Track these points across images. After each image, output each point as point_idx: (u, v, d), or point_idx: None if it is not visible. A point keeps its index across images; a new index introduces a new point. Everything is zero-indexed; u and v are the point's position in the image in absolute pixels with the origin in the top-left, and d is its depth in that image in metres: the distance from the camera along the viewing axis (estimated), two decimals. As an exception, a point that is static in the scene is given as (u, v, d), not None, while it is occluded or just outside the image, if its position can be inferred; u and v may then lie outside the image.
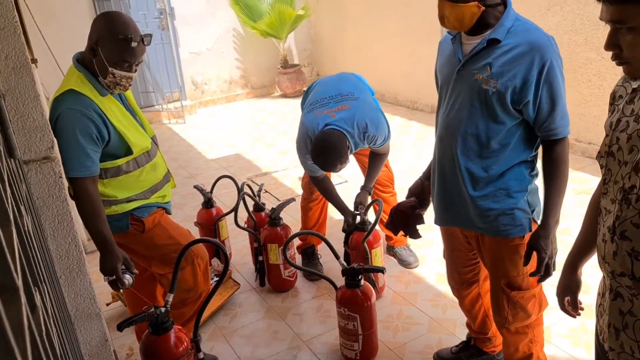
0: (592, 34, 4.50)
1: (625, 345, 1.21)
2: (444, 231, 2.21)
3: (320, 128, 2.71)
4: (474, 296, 2.29)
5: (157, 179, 2.32)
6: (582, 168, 4.55)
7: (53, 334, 0.78)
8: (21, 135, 1.56)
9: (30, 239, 0.86)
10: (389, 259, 3.39)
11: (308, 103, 2.92)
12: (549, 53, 1.73)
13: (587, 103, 4.69)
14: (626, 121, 1.19)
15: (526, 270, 1.94)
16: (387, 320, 2.85)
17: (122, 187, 2.19)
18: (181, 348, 2.08)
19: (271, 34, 7.65)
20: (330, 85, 2.98)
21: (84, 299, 1.85)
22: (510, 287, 1.98)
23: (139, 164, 2.20)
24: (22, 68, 1.49)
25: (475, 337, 2.42)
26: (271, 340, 2.79)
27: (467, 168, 1.88)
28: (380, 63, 7.26)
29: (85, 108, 2.00)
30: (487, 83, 1.77)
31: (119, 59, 2.03)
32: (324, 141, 2.63)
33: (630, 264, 1.15)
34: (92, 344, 1.94)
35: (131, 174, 2.19)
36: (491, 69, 1.76)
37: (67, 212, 1.71)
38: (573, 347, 2.53)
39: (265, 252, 3.13)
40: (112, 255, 2.05)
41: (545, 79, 1.74)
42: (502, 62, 1.75)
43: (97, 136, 2.02)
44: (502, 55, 1.76)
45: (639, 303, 1.17)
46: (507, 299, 2.00)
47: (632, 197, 1.14)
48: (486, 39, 1.77)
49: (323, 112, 2.77)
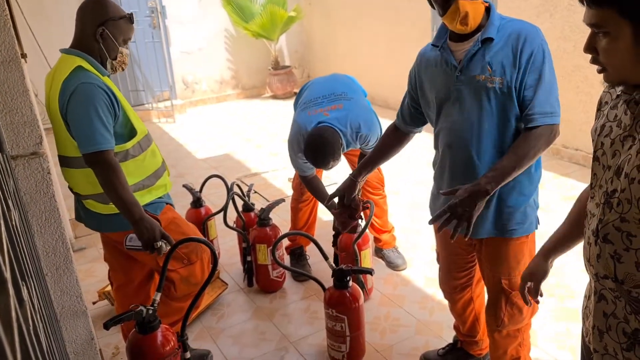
0: (581, 41, 4.54)
1: (608, 347, 1.22)
2: (441, 236, 2.17)
3: (313, 126, 2.72)
4: (466, 300, 2.29)
5: (158, 164, 2.33)
6: (569, 174, 4.59)
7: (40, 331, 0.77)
8: (9, 130, 1.55)
9: (17, 234, 0.85)
10: (377, 261, 3.39)
11: (301, 102, 2.93)
12: (537, 39, 1.75)
13: (574, 110, 4.73)
14: (609, 126, 1.21)
15: None
16: (375, 322, 2.85)
17: (130, 173, 2.18)
18: (168, 347, 2.07)
19: (263, 35, 7.65)
20: (323, 85, 2.98)
21: (70, 297, 1.84)
22: (511, 287, 1.99)
23: (142, 147, 2.23)
24: (12, 62, 1.48)
25: (463, 340, 2.43)
26: (259, 341, 2.78)
27: (481, 173, 1.83)
28: (371, 66, 7.28)
29: (97, 81, 2.04)
30: (492, 81, 1.77)
31: (127, 37, 2.17)
32: (318, 137, 2.63)
33: (613, 266, 1.17)
34: (78, 342, 1.92)
35: (137, 159, 2.20)
36: (492, 67, 1.77)
37: (54, 208, 1.70)
38: (558, 350, 2.55)
39: (253, 252, 3.12)
40: (151, 224, 2.04)
41: (533, 65, 1.75)
42: (499, 57, 1.77)
43: (111, 109, 2.05)
44: (498, 51, 1.77)
45: (622, 305, 1.18)
46: (506, 300, 2.01)
47: (613, 200, 1.16)
48: (480, 40, 1.78)
49: (317, 111, 2.78)
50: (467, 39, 1.82)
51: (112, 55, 2.15)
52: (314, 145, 2.63)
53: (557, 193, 4.22)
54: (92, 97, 1.97)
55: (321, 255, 2.51)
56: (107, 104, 2.03)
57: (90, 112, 1.96)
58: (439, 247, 2.25)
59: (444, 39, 1.88)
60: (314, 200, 3.29)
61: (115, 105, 2.08)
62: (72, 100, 1.97)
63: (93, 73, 2.07)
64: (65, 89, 1.99)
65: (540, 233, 3.38)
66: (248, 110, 7.56)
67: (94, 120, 1.96)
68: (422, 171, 4.99)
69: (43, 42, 6.60)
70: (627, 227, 1.13)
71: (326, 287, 2.50)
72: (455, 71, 1.83)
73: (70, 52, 2.13)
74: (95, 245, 3.91)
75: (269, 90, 8.18)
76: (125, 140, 2.17)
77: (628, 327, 1.17)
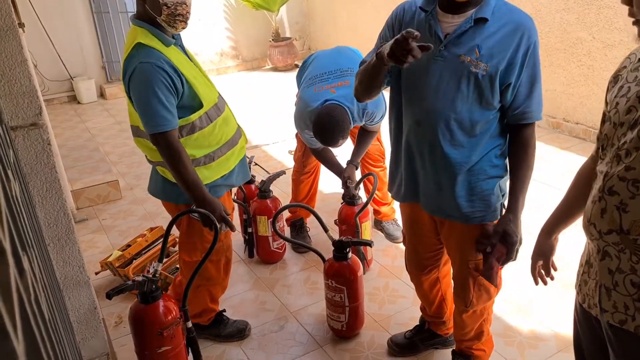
0: (584, 13, 4.48)
1: (618, 304, 1.23)
2: (407, 217, 2.13)
3: (319, 104, 2.69)
4: (432, 281, 2.25)
5: (231, 132, 2.27)
6: (569, 148, 4.58)
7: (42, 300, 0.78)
8: (8, 101, 1.54)
9: (18, 205, 0.86)
10: (377, 233, 3.41)
11: (306, 77, 2.89)
12: (534, 34, 1.68)
13: (576, 83, 4.70)
14: (628, 86, 1.22)
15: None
16: (374, 293, 2.88)
17: (199, 145, 2.16)
18: (170, 317, 2.10)
19: (263, 6, 7.54)
20: (328, 59, 2.94)
21: (73, 267, 1.85)
22: (477, 269, 1.97)
23: (210, 118, 2.17)
24: (9, 31, 1.46)
25: (430, 321, 2.42)
26: (259, 311, 2.82)
27: (447, 154, 1.79)
28: (372, 38, 7.18)
29: (157, 60, 1.96)
30: (477, 66, 1.67)
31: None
32: (326, 116, 2.60)
33: (618, 217, 1.18)
34: (81, 311, 1.95)
35: (205, 130, 2.16)
36: (480, 51, 1.66)
37: (55, 179, 1.70)
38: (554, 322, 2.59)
39: (254, 224, 3.14)
40: (213, 200, 2.10)
41: (529, 61, 1.69)
42: (491, 44, 1.66)
43: (172, 88, 1.99)
44: (490, 36, 1.66)
45: (626, 258, 1.19)
46: (474, 282, 1.99)
47: (622, 152, 1.18)
48: (473, 18, 1.66)
49: (323, 88, 2.74)
50: (458, 12, 1.69)
51: (157, 12, 2.00)
52: (323, 124, 2.60)
53: (558, 167, 4.22)
54: (151, 79, 1.95)
55: (321, 227, 2.52)
56: (166, 84, 1.98)
57: (149, 94, 1.94)
58: (405, 228, 2.19)
59: (433, 5, 1.74)
60: (315, 173, 3.29)
61: (177, 82, 2.02)
62: (132, 81, 1.97)
63: (153, 48, 1.99)
64: (127, 69, 1.99)
65: (541, 207, 3.40)
66: (248, 82, 7.50)
67: (153, 102, 1.95)
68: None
69: (41, 11, 6.53)
70: (633, 175, 1.15)
71: (326, 258, 2.52)
72: (440, 45, 1.71)
73: (134, 22, 2.07)
74: (97, 216, 3.94)
75: (269, 62, 8.11)
76: (194, 111, 2.11)
77: (636, 277, 1.19)
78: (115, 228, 3.77)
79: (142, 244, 3.17)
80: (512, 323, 2.60)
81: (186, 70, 2.08)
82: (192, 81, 2.07)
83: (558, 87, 4.86)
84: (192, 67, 2.15)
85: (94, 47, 7.12)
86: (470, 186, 1.85)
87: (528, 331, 2.54)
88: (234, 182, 2.38)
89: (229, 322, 2.64)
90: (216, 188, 2.28)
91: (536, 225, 1.68)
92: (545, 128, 5.04)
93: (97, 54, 7.20)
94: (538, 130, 4.96)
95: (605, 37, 4.36)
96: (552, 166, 4.23)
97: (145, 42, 2.00)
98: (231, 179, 2.35)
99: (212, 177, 2.25)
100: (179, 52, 2.13)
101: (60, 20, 6.73)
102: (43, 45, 6.72)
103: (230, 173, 2.33)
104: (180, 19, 2.03)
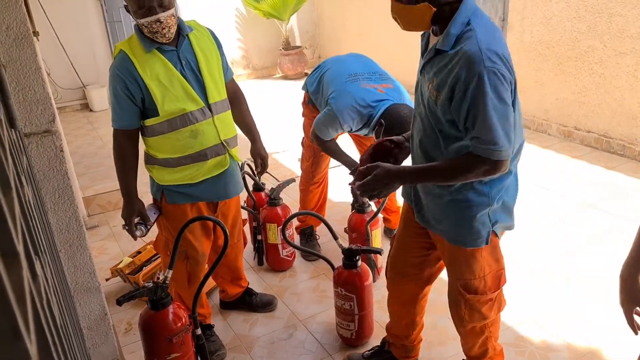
0: (595, 22, 4.47)
1: None
2: (403, 214, 2.10)
3: (371, 99, 2.68)
4: (408, 294, 2.19)
5: (199, 147, 2.25)
6: (580, 156, 4.55)
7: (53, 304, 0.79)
8: (22, 108, 1.56)
9: (30, 210, 0.87)
10: (387, 240, 3.40)
11: (343, 74, 2.83)
12: (478, 66, 1.53)
13: (587, 91, 4.67)
14: None
15: (483, 274, 1.91)
16: (383, 302, 2.86)
17: (158, 148, 2.24)
18: (179, 324, 2.10)
19: (274, 15, 7.59)
20: (359, 62, 2.94)
21: (84, 273, 1.86)
22: (466, 289, 1.94)
23: (172, 126, 2.19)
24: (24, 39, 1.48)
25: (392, 342, 2.36)
26: (268, 319, 2.82)
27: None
28: (382, 46, 7.21)
29: (120, 68, 2.13)
30: (432, 94, 1.66)
31: (137, 8, 2.05)
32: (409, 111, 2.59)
33: None
34: (91, 317, 1.95)
35: (167, 136, 2.20)
36: (437, 80, 1.64)
37: (67, 186, 1.71)
38: (566, 333, 2.56)
39: (264, 231, 3.14)
40: (128, 207, 2.27)
41: (473, 92, 1.55)
42: (442, 76, 1.62)
43: (127, 92, 2.13)
44: (442, 68, 1.63)
45: None
46: (464, 301, 1.97)
47: None
48: (435, 48, 1.64)
49: (370, 85, 2.74)
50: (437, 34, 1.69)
51: (140, 27, 2.10)
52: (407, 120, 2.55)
53: (569, 176, 4.19)
54: (111, 81, 2.16)
55: (331, 235, 2.52)
56: (119, 88, 2.12)
57: (111, 95, 2.18)
58: (399, 225, 2.14)
59: None
60: (324, 183, 3.29)
61: (134, 88, 2.11)
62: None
63: (126, 53, 2.12)
64: None
65: (555, 218, 3.38)
66: (259, 90, 7.54)
67: (112, 102, 2.20)
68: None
69: (55, 21, 6.61)
70: None
71: (335, 266, 2.52)
72: (420, 67, 1.77)
73: (134, 27, 2.20)
74: (107, 223, 3.96)
75: (279, 70, 8.14)
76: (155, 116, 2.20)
77: None
78: (126, 235, 3.76)
79: (152, 251, 3.18)
80: (523, 333, 2.58)
81: (152, 77, 2.12)
82: (153, 90, 2.12)
83: (569, 96, 4.84)
84: (167, 76, 2.15)
85: (106, 55, 7.19)
86: (453, 212, 1.82)
87: (540, 341, 2.51)
88: (201, 196, 2.35)
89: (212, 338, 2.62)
90: (172, 194, 2.31)
91: (543, 233, 1.66)
92: (556, 137, 5.01)
93: (110, 63, 7.25)
94: (549, 138, 4.95)
95: (616, 45, 4.34)
96: (563, 175, 4.20)
97: (124, 48, 2.15)
98: (195, 192, 2.33)
99: (170, 181, 2.29)
100: (161, 58, 2.15)
101: (74, 29, 6.81)
102: (56, 54, 6.81)
103: (195, 186, 2.31)
104: (158, 35, 2.11)
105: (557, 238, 3.27)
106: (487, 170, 1.64)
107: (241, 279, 2.86)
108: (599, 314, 2.65)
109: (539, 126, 5.21)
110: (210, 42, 2.31)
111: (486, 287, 1.93)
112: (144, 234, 2.32)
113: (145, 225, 2.31)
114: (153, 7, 2.04)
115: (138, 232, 2.30)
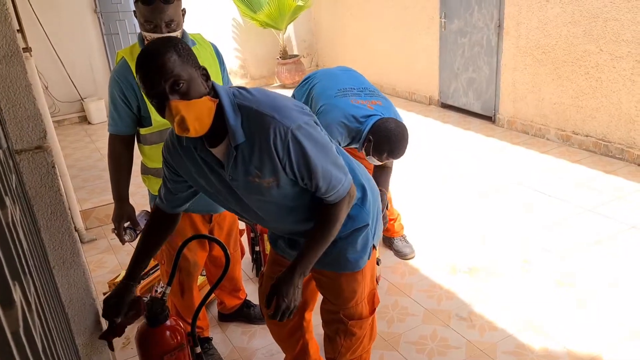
0: (590, 26, 4.47)
1: None
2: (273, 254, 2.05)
3: (360, 114, 2.66)
4: (294, 324, 2.17)
5: None
6: (579, 161, 4.54)
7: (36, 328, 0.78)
8: (13, 125, 1.55)
9: (14, 231, 0.86)
10: (385, 249, 3.39)
11: (332, 88, 2.82)
12: (282, 127, 1.50)
13: (584, 95, 4.67)
14: None
15: (362, 298, 1.90)
16: (383, 311, 2.85)
17: (149, 157, 2.26)
18: (175, 340, 2.08)
19: (270, 25, 7.62)
20: (348, 77, 2.91)
21: (78, 289, 1.85)
22: (349, 317, 1.94)
23: (164, 137, 2.19)
24: (13, 57, 1.48)
25: None
26: (267, 331, 2.79)
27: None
28: (379, 54, 7.23)
29: (118, 74, 2.14)
30: (267, 182, 1.58)
31: (144, 21, 2.08)
32: (400, 128, 2.58)
33: None
34: (87, 334, 1.94)
35: (159, 146, 2.19)
36: (260, 171, 1.55)
37: (60, 202, 1.70)
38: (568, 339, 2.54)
39: (261, 242, 3.13)
40: (117, 211, 2.27)
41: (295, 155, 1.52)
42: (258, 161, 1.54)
43: (123, 98, 2.14)
44: (254, 155, 1.54)
45: None
46: (345, 330, 1.95)
47: None
48: (233, 146, 1.53)
49: (359, 102, 2.72)
50: (217, 142, 1.55)
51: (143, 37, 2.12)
52: (401, 137, 2.56)
53: (567, 181, 4.17)
54: (110, 86, 2.18)
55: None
56: (116, 94, 2.15)
57: (108, 98, 2.21)
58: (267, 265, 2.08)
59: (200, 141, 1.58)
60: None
61: (130, 95, 2.14)
62: None
63: (126, 61, 2.14)
64: None
65: (555, 223, 3.36)
66: (257, 99, 7.54)
67: (110, 106, 2.21)
68: (429, 159, 4.98)
69: (52, 34, 6.64)
70: None
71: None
72: (226, 174, 1.60)
73: (138, 35, 2.21)
74: (105, 236, 3.95)
75: (277, 79, 8.16)
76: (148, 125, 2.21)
77: None
78: (124, 248, 3.77)
79: (150, 264, 3.17)
80: (523, 340, 2.55)
81: None
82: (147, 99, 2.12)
83: (566, 100, 4.84)
84: None
85: (104, 68, 7.21)
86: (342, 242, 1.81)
87: (540, 349, 2.49)
88: (194, 208, 2.31)
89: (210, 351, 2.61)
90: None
91: (543, 238, 1.65)
92: (555, 141, 5.00)
93: (107, 75, 7.28)
94: (547, 143, 4.95)
95: (612, 49, 4.34)
96: (562, 180, 4.19)
97: (125, 55, 2.16)
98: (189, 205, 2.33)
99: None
100: None
101: (71, 42, 6.83)
102: (54, 67, 6.83)
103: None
104: None
105: (557, 243, 3.25)
106: (350, 199, 1.68)
107: (239, 290, 2.84)
108: (600, 320, 2.63)
109: (537, 131, 5.21)
110: (211, 56, 2.33)
111: (364, 311, 1.95)
112: (132, 239, 2.29)
113: (135, 230, 2.30)
114: (159, 26, 2.07)
115: (127, 236, 2.28)
